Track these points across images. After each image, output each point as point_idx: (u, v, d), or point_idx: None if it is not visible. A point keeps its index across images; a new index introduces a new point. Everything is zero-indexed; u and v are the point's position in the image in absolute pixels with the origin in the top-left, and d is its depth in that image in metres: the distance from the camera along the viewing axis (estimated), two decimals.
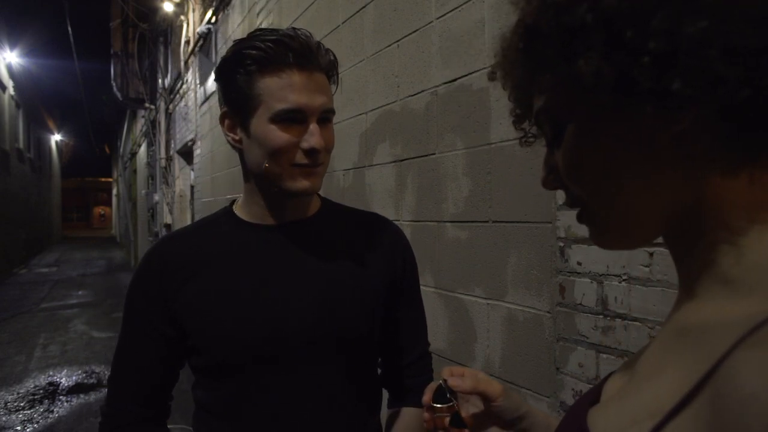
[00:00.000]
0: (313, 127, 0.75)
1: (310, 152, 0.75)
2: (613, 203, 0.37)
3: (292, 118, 0.75)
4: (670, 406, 0.31)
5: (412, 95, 1.71)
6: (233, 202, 0.90)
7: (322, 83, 0.77)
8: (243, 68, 0.75)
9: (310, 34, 0.78)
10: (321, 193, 0.92)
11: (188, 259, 0.81)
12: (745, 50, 0.28)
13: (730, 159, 0.33)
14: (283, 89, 0.74)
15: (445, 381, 0.56)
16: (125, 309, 0.84)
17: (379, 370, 0.97)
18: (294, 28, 0.77)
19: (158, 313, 0.80)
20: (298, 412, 0.79)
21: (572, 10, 0.32)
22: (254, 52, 0.74)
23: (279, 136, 0.74)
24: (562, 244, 1.18)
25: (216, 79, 0.82)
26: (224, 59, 0.78)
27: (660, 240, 0.39)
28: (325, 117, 0.78)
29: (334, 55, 0.81)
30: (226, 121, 0.81)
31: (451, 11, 1.51)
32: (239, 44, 0.77)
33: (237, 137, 0.81)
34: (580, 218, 0.41)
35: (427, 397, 0.58)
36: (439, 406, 0.55)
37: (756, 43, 0.28)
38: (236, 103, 0.78)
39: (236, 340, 0.77)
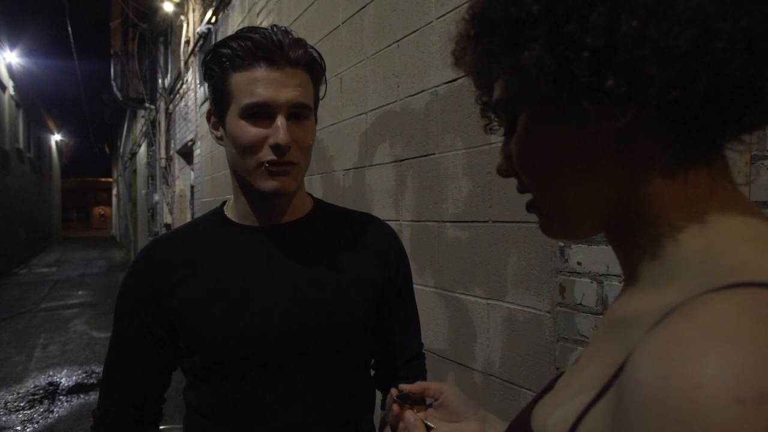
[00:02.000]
0: (280, 121, 0.74)
1: (276, 148, 0.74)
2: (557, 194, 0.38)
3: (259, 113, 0.74)
4: (590, 398, 0.31)
5: (412, 95, 1.71)
6: (224, 202, 0.90)
7: (295, 79, 0.76)
8: (218, 66, 0.77)
9: (288, 31, 0.78)
10: (321, 193, 0.92)
11: (178, 260, 0.81)
12: (676, 51, 0.29)
13: (667, 157, 0.34)
14: (249, 84, 0.74)
15: (397, 387, 0.60)
16: (116, 312, 0.83)
17: (373, 371, 0.97)
18: (275, 26, 0.78)
19: (150, 315, 0.79)
20: (289, 413, 0.79)
21: (519, 1, 0.32)
22: (227, 50, 0.75)
23: (246, 131, 0.75)
24: (562, 244, 1.18)
25: (203, 78, 0.84)
26: (204, 59, 0.80)
27: None
28: (297, 113, 0.76)
29: (318, 53, 0.80)
30: (212, 119, 0.83)
31: (451, 11, 1.51)
32: (217, 44, 0.78)
33: (219, 134, 0.82)
34: (529, 207, 0.43)
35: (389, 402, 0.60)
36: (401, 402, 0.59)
37: (685, 45, 0.28)
38: (215, 101, 0.80)
39: (226, 342, 0.77)
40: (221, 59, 0.76)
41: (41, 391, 4.32)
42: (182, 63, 5.74)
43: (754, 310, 0.24)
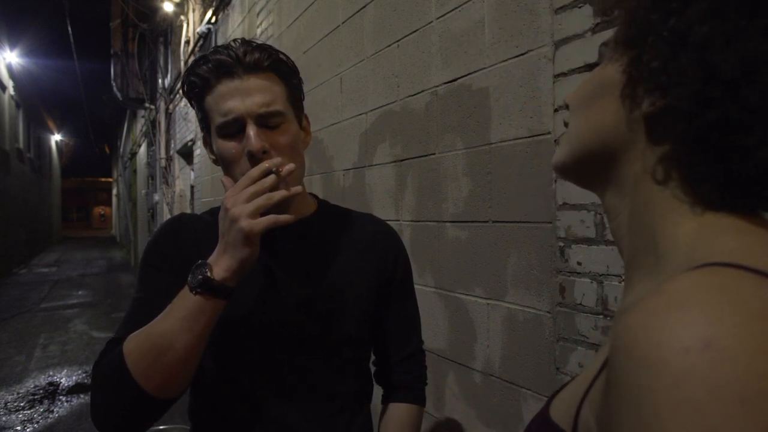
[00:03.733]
0: (251, 130, 0.74)
1: (251, 158, 0.74)
2: (576, 123, 0.44)
3: (233, 127, 0.75)
4: (593, 375, 0.37)
5: (412, 95, 1.71)
6: None
7: (258, 85, 0.76)
8: (192, 94, 0.80)
9: (250, 41, 0.78)
10: (321, 193, 0.93)
11: (198, 237, 0.84)
12: (714, 74, 0.32)
13: (681, 171, 0.37)
14: (217, 102, 0.76)
15: None
16: (140, 270, 0.84)
17: (373, 366, 1.00)
18: (237, 39, 0.80)
19: (171, 268, 0.80)
20: (287, 398, 0.82)
21: None
22: (194, 78, 0.78)
23: (225, 148, 0.77)
24: (562, 244, 1.18)
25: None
26: (182, 89, 0.83)
27: None
28: (268, 119, 0.76)
29: (283, 54, 0.81)
30: (206, 144, 0.87)
31: (451, 11, 1.51)
32: (187, 71, 0.80)
33: (213, 157, 0.86)
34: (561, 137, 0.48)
35: None
36: None
37: (727, 71, 0.31)
38: (202, 127, 0.84)
39: (226, 326, 0.78)
40: (193, 88, 0.79)
41: (41, 391, 4.32)
42: (182, 63, 5.74)
43: (710, 282, 0.29)
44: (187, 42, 5.56)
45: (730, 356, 0.25)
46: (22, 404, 4.06)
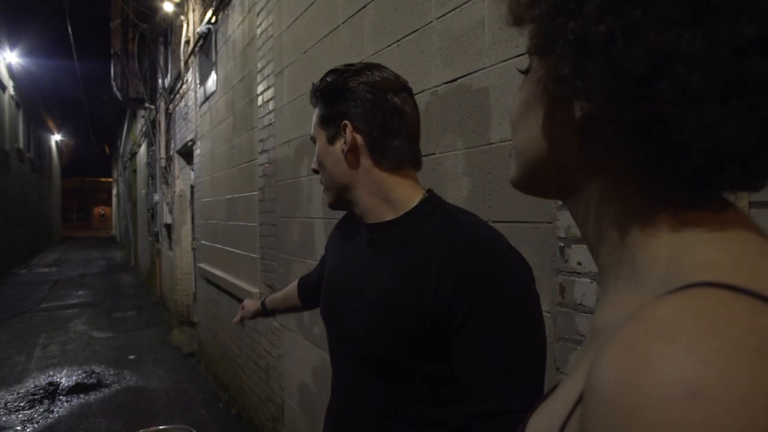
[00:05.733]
0: (315, 150, 0.95)
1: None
2: (517, 141, 0.42)
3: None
4: (570, 406, 0.33)
5: None
6: None
7: (315, 114, 0.95)
8: None
9: (328, 74, 0.94)
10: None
11: (337, 234, 1.05)
12: (624, 73, 0.30)
13: (633, 175, 0.34)
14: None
15: None
16: None
17: None
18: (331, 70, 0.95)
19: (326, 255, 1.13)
20: (340, 382, 0.94)
21: None
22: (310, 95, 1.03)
23: None
24: (562, 244, 1.18)
25: None
26: None
27: None
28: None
29: (330, 77, 0.93)
30: None
31: (451, 11, 1.51)
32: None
33: None
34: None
35: None
36: None
37: (638, 70, 0.29)
38: None
39: (321, 309, 1.00)
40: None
41: (41, 391, 4.32)
42: (182, 63, 5.74)
43: (697, 310, 0.25)
44: (187, 42, 5.56)
45: (721, 407, 0.21)
46: (22, 404, 4.06)
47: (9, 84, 13.45)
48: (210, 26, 4.46)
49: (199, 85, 5.02)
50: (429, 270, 0.75)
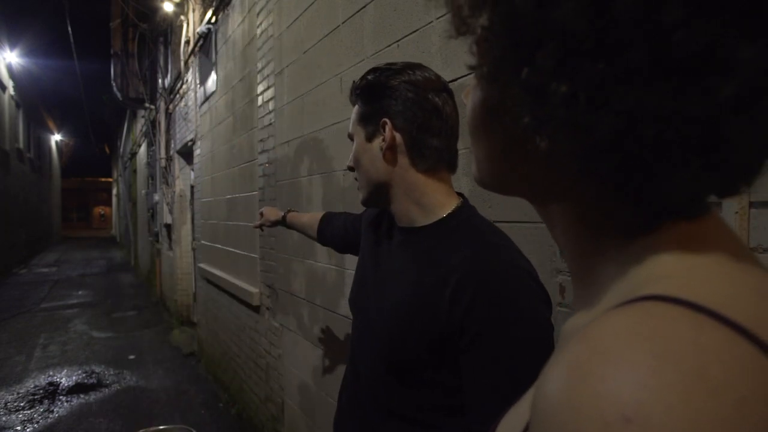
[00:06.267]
0: (352, 149, 0.96)
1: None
2: (475, 150, 0.39)
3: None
4: (527, 419, 0.31)
5: None
6: None
7: (354, 112, 0.96)
8: None
9: (368, 72, 0.93)
10: (321, 193, 0.94)
11: (373, 220, 1.07)
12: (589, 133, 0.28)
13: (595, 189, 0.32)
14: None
15: None
16: None
17: None
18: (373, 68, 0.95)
19: (358, 224, 1.23)
20: (356, 370, 0.95)
21: None
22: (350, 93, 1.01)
23: None
24: None
25: None
26: None
27: None
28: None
29: (371, 75, 0.92)
30: None
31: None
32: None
33: None
34: None
35: None
36: None
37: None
38: None
39: (351, 294, 1.04)
40: None
41: (41, 391, 4.32)
42: (182, 63, 5.74)
43: (638, 327, 0.24)
44: (187, 42, 5.56)
45: None
46: (22, 404, 4.06)
47: (9, 84, 13.45)
48: (210, 26, 4.46)
49: (199, 85, 5.02)
50: (446, 286, 0.75)
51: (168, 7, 5.89)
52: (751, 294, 0.26)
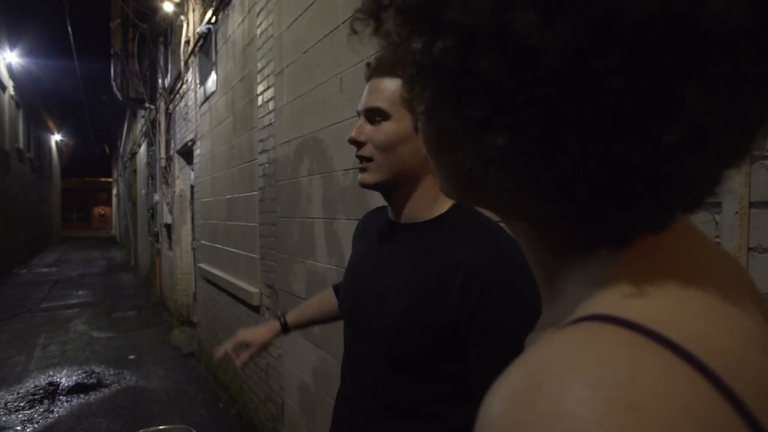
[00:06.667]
0: (357, 123, 0.88)
1: (350, 142, 0.88)
2: (434, 168, 0.38)
3: (359, 117, 0.90)
4: None
5: None
6: None
7: (376, 87, 0.86)
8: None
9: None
10: (321, 193, 0.94)
11: (363, 228, 1.07)
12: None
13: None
14: (364, 95, 0.90)
15: None
16: None
17: None
18: None
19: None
20: (354, 377, 0.94)
21: None
22: (366, 67, 0.91)
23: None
24: None
25: None
26: None
27: None
28: (371, 116, 0.87)
29: None
30: None
31: None
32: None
33: None
34: None
35: None
36: None
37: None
38: None
39: (341, 301, 1.02)
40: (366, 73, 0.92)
41: (41, 391, 4.32)
42: (182, 63, 5.74)
43: (575, 353, 0.23)
44: (187, 42, 5.56)
45: None
46: (22, 404, 4.06)
47: (9, 84, 13.45)
48: (210, 26, 4.46)
49: (199, 85, 5.02)
50: (454, 277, 0.77)
51: (168, 7, 5.89)
52: (699, 310, 0.25)
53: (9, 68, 13.53)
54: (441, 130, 0.32)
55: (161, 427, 1.40)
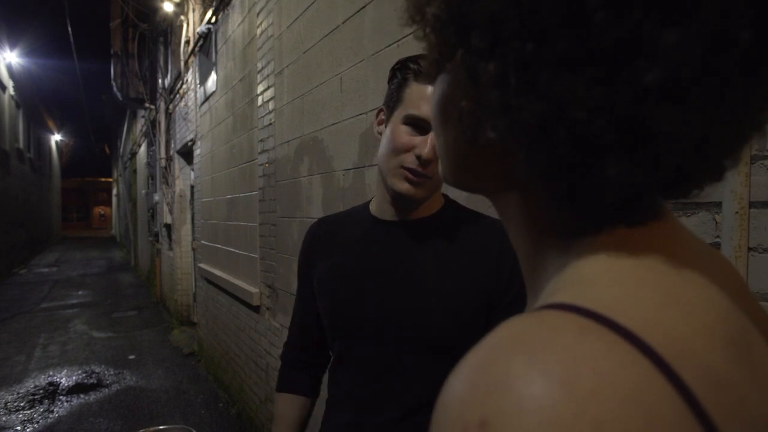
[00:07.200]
0: (431, 138, 0.83)
1: (419, 158, 0.84)
2: (438, 148, 0.40)
3: (417, 125, 0.85)
4: None
5: None
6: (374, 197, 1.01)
7: (429, 96, 0.85)
8: (401, 74, 0.88)
9: None
10: (321, 193, 0.94)
11: (327, 240, 1.01)
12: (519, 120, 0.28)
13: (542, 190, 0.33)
14: (419, 99, 0.85)
15: None
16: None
17: None
18: None
19: (307, 278, 1.02)
20: (367, 387, 0.90)
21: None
22: (413, 65, 0.86)
23: (402, 135, 0.86)
24: None
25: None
26: (393, 66, 0.92)
27: None
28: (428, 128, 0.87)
29: None
30: (379, 116, 0.96)
31: None
32: (408, 57, 0.90)
33: (379, 130, 0.95)
34: None
35: None
36: None
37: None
38: (388, 102, 0.92)
39: (336, 314, 0.94)
40: (406, 69, 0.87)
41: (41, 391, 4.32)
42: (182, 63, 5.74)
43: (523, 337, 0.24)
44: (187, 42, 5.56)
45: None
46: (22, 404, 4.06)
47: (9, 84, 13.45)
48: (210, 26, 4.46)
49: (199, 85, 5.02)
50: (490, 255, 0.87)
51: (168, 7, 5.89)
52: (654, 298, 0.26)
53: (9, 68, 13.53)
54: (446, 85, 0.35)
55: (161, 427, 1.40)
